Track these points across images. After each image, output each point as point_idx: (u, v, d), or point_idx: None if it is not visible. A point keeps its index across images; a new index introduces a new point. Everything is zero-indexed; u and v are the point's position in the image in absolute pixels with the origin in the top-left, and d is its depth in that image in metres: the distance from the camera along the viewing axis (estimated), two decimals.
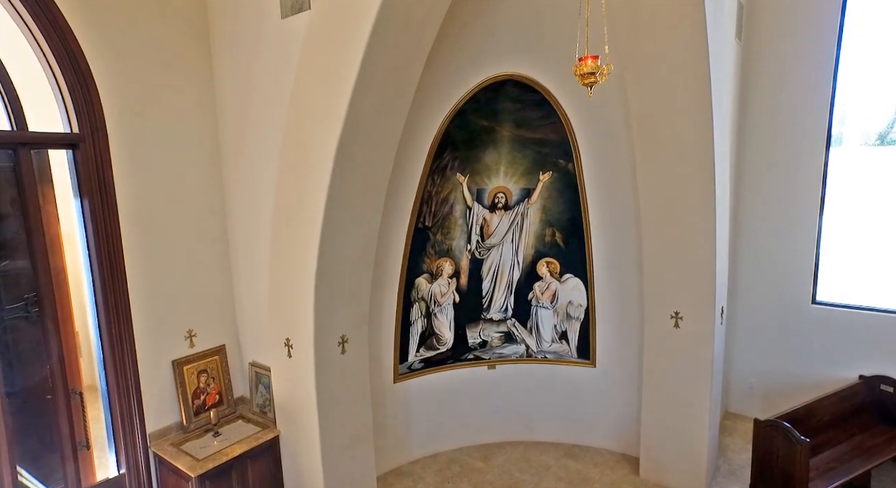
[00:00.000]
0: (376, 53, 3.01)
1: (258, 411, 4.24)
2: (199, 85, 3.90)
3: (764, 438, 3.94)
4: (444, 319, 4.85)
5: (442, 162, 4.47)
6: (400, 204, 4.37)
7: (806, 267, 5.11)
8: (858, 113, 5.02)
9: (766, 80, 5.00)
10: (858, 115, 5.04)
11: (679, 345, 4.23)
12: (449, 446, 5.08)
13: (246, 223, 4.07)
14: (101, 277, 3.40)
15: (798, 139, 4.94)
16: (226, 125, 4.00)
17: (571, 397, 5.07)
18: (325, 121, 3.21)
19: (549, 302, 4.93)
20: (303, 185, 3.44)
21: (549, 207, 4.76)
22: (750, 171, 5.22)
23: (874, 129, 5.14)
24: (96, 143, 3.27)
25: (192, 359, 4.03)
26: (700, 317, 4.11)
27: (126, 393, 3.55)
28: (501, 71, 4.27)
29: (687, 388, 4.27)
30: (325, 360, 3.67)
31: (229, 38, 3.81)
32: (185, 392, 3.96)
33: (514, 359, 5.05)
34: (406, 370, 4.77)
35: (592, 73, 2.27)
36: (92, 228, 3.34)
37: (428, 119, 4.25)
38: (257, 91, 3.71)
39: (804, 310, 5.16)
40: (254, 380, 4.29)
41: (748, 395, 5.61)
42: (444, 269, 4.76)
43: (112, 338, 3.47)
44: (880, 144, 5.17)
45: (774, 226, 5.20)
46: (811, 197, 4.98)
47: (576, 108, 4.35)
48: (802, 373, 5.21)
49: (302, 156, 3.41)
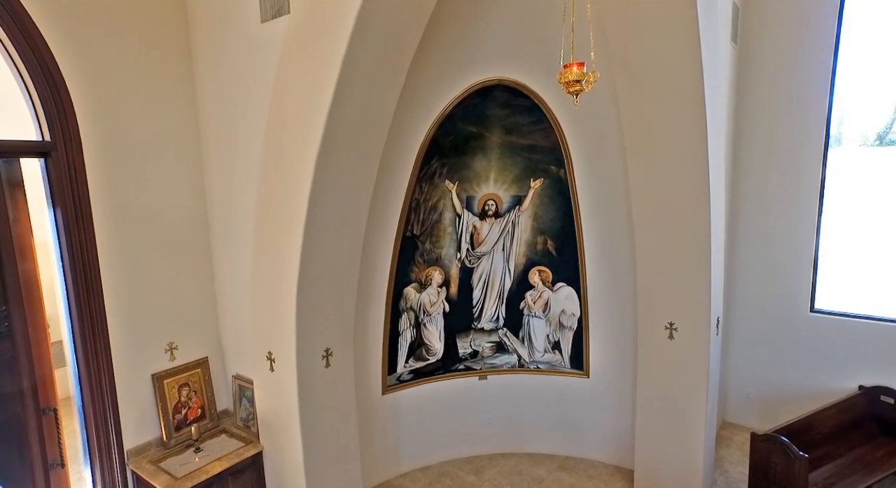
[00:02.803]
0: (357, 58, 2.93)
1: (242, 425, 4.13)
2: (179, 91, 3.80)
3: (761, 452, 3.83)
4: (434, 329, 4.76)
5: (430, 169, 4.38)
6: (386, 212, 4.27)
7: (804, 274, 5.00)
8: (857, 113, 4.92)
9: (763, 83, 4.90)
10: (857, 116, 4.93)
11: (673, 357, 4.12)
12: (439, 459, 4.98)
13: (229, 231, 3.97)
14: (76, 288, 3.30)
15: (796, 142, 4.84)
16: (208, 132, 3.91)
17: (564, 408, 4.97)
18: (305, 126, 3.12)
19: (542, 311, 4.83)
20: (283, 193, 3.34)
21: (540, 215, 4.67)
22: (746, 176, 5.12)
23: (873, 130, 5.04)
24: (69, 152, 3.17)
25: (173, 372, 3.92)
26: (695, 329, 4.00)
27: (102, 408, 3.43)
28: (490, 75, 4.18)
29: (682, 401, 4.16)
30: (308, 375, 3.56)
31: (210, 43, 3.72)
32: (165, 406, 3.85)
33: (506, 369, 4.96)
34: (395, 381, 4.67)
35: (578, 80, 2.17)
36: (65, 238, 3.24)
37: (414, 125, 4.16)
38: (239, 97, 3.62)
39: (802, 318, 5.05)
40: (237, 394, 4.17)
41: (746, 405, 5.51)
42: (433, 278, 4.67)
43: (87, 352, 3.36)
44: (879, 145, 5.07)
45: (771, 231, 5.10)
46: (809, 201, 4.87)
47: (566, 113, 4.26)
48: (801, 383, 5.11)
49: (282, 164, 3.32)
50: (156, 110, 3.68)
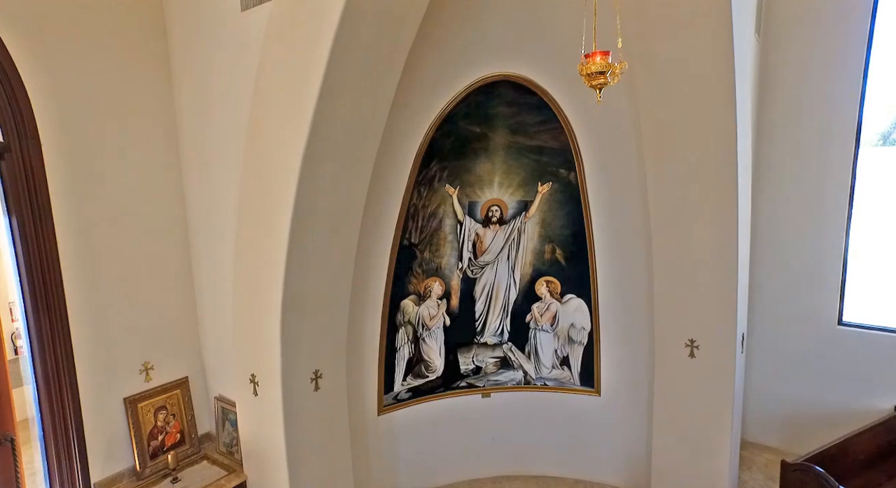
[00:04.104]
0: (346, 49, 2.65)
1: (225, 451, 3.80)
2: (153, 85, 3.50)
3: (793, 484, 3.48)
4: (434, 344, 4.48)
5: (429, 172, 4.10)
6: (382, 219, 3.97)
7: (831, 282, 4.65)
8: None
9: (788, 79, 4.55)
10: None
11: (695, 377, 3.82)
12: (439, 482, 4.66)
13: (211, 239, 3.69)
14: (34, 303, 2.99)
15: (823, 142, 4.49)
16: (185, 130, 3.62)
17: (574, 428, 4.66)
18: (289, 124, 2.84)
19: (549, 324, 4.55)
20: (266, 198, 3.05)
21: (548, 221, 4.39)
22: (767, 177, 4.77)
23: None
24: (25, 152, 2.86)
25: (149, 394, 3.60)
26: (719, 347, 3.69)
27: (65, 437, 3.11)
28: (494, 71, 3.88)
29: (704, 424, 3.86)
30: (295, 399, 3.26)
31: (187, 33, 3.44)
32: (139, 432, 3.52)
33: (511, 386, 4.67)
34: (391, 401, 4.36)
35: (602, 72, 1.84)
36: (22, 247, 2.93)
37: (412, 125, 3.87)
38: (218, 92, 3.34)
39: (829, 331, 4.71)
40: (220, 417, 3.85)
41: (766, 423, 5.16)
42: (432, 290, 4.39)
43: (48, 375, 3.04)
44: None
45: (794, 236, 4.75)
46: (837, 204, 4.51)
47: (578, 112, 3.96)
48: (827, 401, 4.76)
49: (265, 165, 3.03)
50: (126, 106, 3.38)
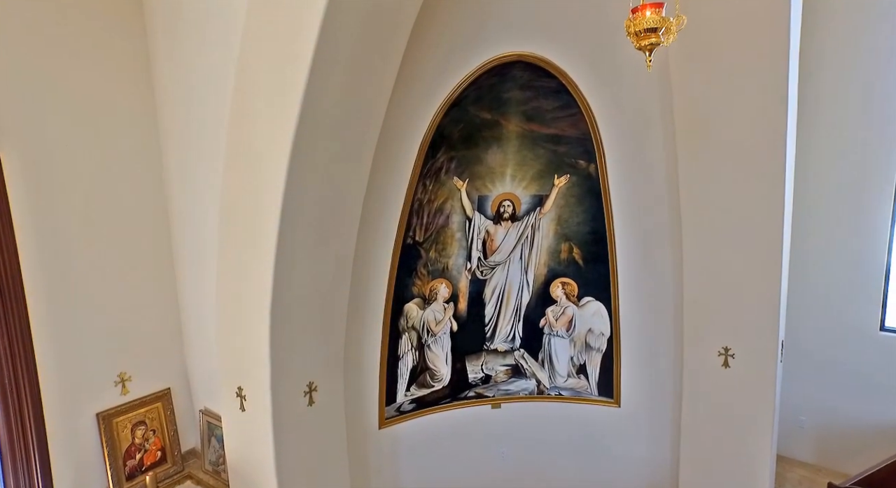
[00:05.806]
0: (339, 19, 2.35)
1: (211, 469, 3.48)
2: (129, 66, 3.21)
3: None
4: (440, 351, 4.23)
5: (435, 163, 3.83)
6: (383, 215, 3.70)
7: (873, 285, 4.30)
8: None
9: (832, 63, 4.16)
10: None
11: (729, 388, 3.54)
12: None
13: (196, 238, 3.42)
14: None
15: (868, 133, 4.13)
16: (166, 121, 3.32)
17: (591, 441, 4.42)
18: (275, 109, 2.56)
19: (565, 329, 4.31)
20: (251, 191, 2.76)
21: (565, 218, 4.13)
22: (807, 168, 4.40)
23: None
24: None
25: (125, 409, 3.30)
26: (757, 356, 3.41)
27: (26, 459, 2.80)
28: (508, 50, 3.57)
29: (739, 440, 3.61)
30: (286, 415, 2.98)
31: (166, 13, 3.10)
32: (114, 451, 3.21)
33: (523, 396, 4.43)
34: (394, 413, 4.11)
35: (654, 29, 1.50)
36: None
37: (417, 111, 3.58)
38: (200, 75, 3.05)
39: (870, 337, 4.36)
40: (206, 431, 3.53)
41: (798, 435, 4.82)
42: (438, 293, 4.14)
43: (5, 390, 2.72)
44: None
45: (834, 236, 4.40)
46: (881, 199, 4.16)
47: (601, 97, 3.65)
48: (865, 413, 4.43)
49: (250, 156, 2.74)
50: (100, 92, 3.11)
